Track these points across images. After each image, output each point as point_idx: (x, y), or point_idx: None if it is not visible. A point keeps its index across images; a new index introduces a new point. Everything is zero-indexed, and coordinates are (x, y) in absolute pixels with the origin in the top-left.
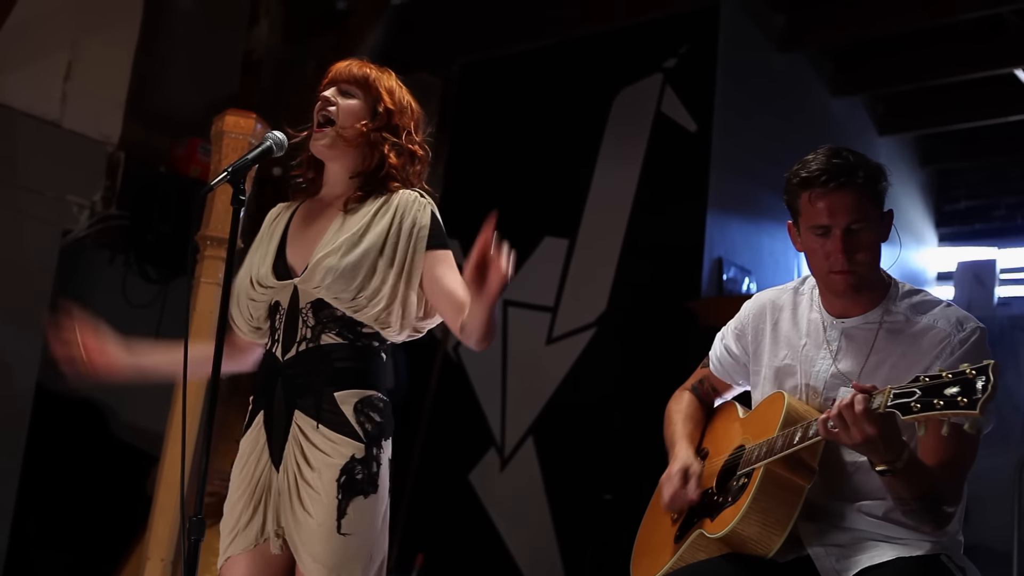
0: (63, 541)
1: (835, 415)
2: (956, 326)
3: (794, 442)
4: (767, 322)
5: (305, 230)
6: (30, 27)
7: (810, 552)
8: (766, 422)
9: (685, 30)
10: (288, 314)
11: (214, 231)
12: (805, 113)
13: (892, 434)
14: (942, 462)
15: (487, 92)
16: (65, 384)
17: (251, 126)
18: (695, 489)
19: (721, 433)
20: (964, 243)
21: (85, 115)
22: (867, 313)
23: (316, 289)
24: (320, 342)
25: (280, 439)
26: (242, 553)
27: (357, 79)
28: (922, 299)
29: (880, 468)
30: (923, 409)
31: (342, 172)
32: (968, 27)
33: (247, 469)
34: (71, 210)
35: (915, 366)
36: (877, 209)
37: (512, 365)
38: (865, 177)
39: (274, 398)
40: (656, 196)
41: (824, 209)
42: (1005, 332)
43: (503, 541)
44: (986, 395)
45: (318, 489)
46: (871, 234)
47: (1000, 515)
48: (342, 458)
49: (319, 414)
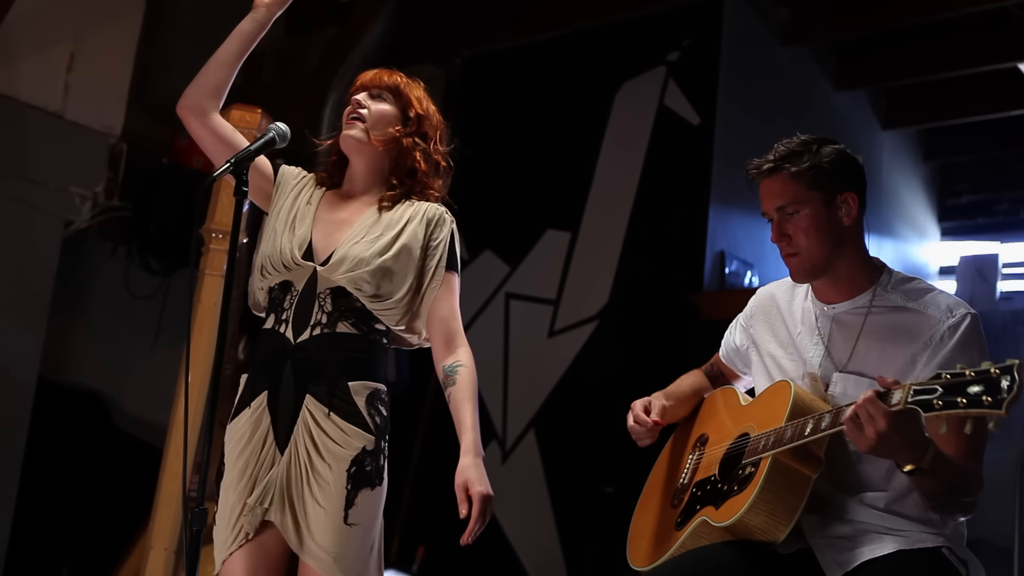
0: (65, 532)
1: (849, 417)
2: (946, 312)
3: (805, 433)
4: (769, 313)
5: (330, 217)
6: (33, 18)
7: (812, 544)
8: (772, 411)
9: (688, 23)
10: (302, 296)
11: (218, 224)
12: (808, 107)
13: (914, 431)
14: (960, 452)
15: (490, 85)
16: (66, 375)
17: (256, 120)
18: (657, 415)
19: (722, 419)
20: (967, 237)
21: (88, 106)
22: (855, 298)
23: (340, 277)
24: (336, 329)
25: (287, 422)
26: (243, 547)
27: (388, 86)
28: (914, 286)
29: (908, 469)
30: (945, 407)
31: (368, 172)
32: (972, 21)
33: (247, 454)
34: (74, 201)
35: (904, 351)
36: (815, 192)
37: (514, 358)
38: (796, 161)
39: (282, 380)
40: (658, 189)
41: (761, 198)
42: (1008, 326)
43: (504, 534)
44: (1012, 395)
45: (328, 478)
46: (809, 217)
47: (1001, 510)
48: (353, 449)
49: (332, 401)
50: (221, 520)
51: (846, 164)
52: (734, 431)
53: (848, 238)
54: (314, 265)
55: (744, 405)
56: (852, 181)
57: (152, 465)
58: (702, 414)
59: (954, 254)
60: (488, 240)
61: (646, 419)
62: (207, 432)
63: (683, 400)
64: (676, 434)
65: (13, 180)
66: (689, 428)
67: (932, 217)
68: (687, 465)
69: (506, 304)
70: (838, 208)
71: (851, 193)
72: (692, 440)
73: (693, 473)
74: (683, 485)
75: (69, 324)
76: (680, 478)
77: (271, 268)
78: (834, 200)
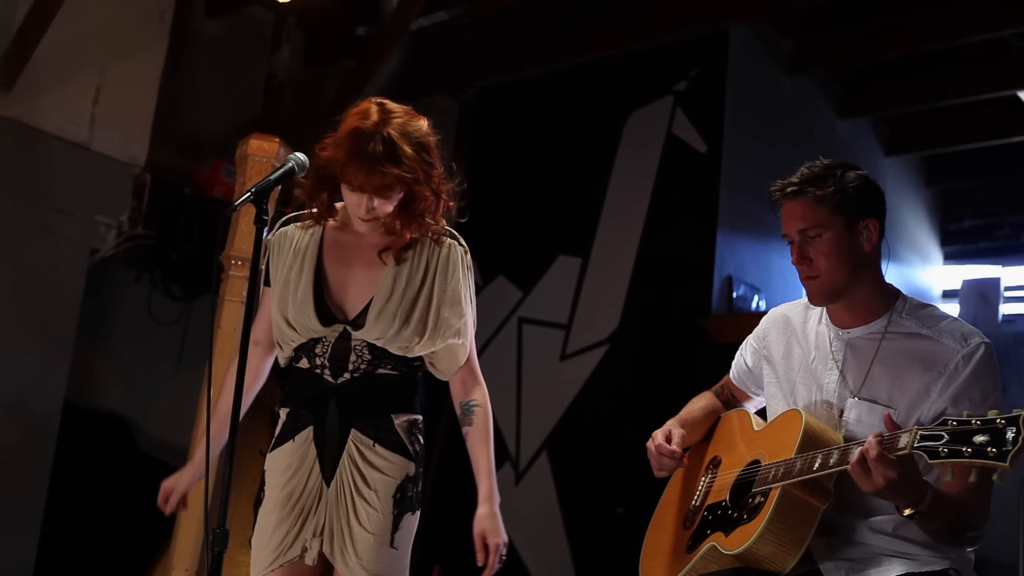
0: (90, 552)
1: (855, 462)
2: (961, 341)
3: (813, 468)
4: (781, 336)
5: (345, 270)
6: (59, 53)
7: (820, 567)
8: (782, 440)
9: (695, 54)
10: (336, 346)
11: (238, 251)
12: (812, 134)
13: (913, 475)
14: (967, 489)
15: (502, 115)
16: (91, 399)
17: (274, 149)
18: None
19: (735, 443)
20: (969, 261)
21: (113, 138)
22: (871, 324)
23: (378, 339)
24: (376, 372)
25: (333, 454)
26: (283, 567)
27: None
28: (929, 313)
29: (907, 512)
30: (950, 456)
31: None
32: (972, 51)
33: (294, 483)
34: (99, 230)
35: (918, 379)
36: (838, 217)
37: (526, 381)
38: (821, 185)
39: (327, 415)
40: (667, 215)
41: (782, 219)
42: (1010, 348)
43: (518, 553)
44: (1017, 447)
45: (375, 505)
46: (831, 241)
47: (1006, 527)
48: (398, 476)
49: (376, 434)
50: (258, 540)
51: (869, 190)
52: (746, 456)
53: (867, 264)
54: (344, 327)
55: (757, 431)
56: (874, 207)
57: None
58: (717, 435)
59: (957, 278)
60: (501, 266)
61: (672, 449)
62: (228, 454)
63: (696, 425)
64: (691, 452)
65: (40, 209)
66: (704, 448)
67: (935, 241)
68: (700, 486)
69: (519, 328)
70: (859, 234)
71: (872, 219)
72: (706, 461)
73: (705, 496)
74: (695, 507)
75: (94, 349)
76: (693, 499)
77: (295, 335)
78: (856, 225)
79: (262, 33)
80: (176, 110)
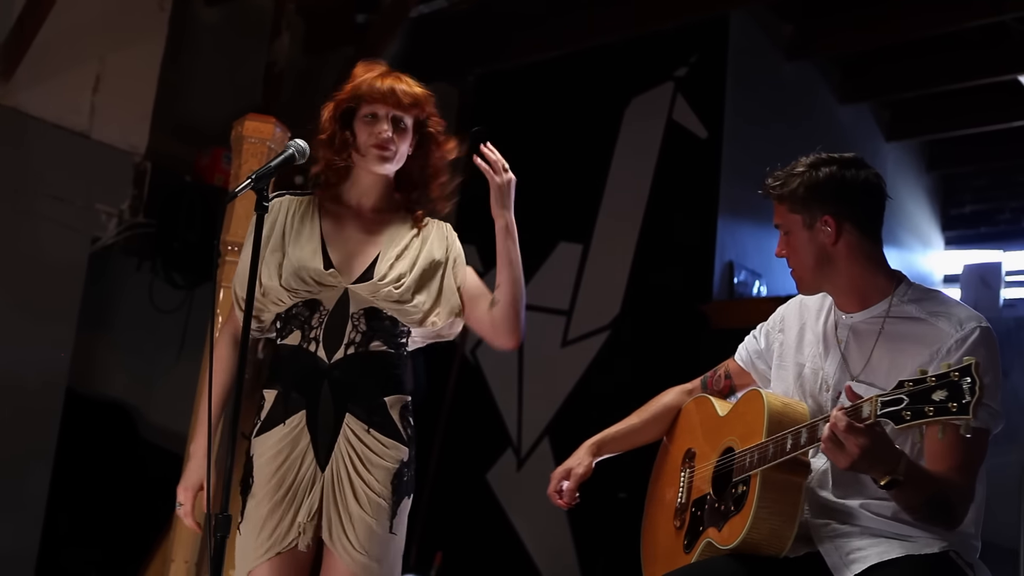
0: (93, 538)
1: (827, 437)
2: (956, 325)
3: (786, 450)
4: (796, 320)
5: (345, 235)
6: (59, 42)
7: (820, 548)
8: (749, 424)
9: (695, 40)
10: (333, 316)
11: (235, 236)
12: (813, 120)
13: (884, 440)
14: (949, 466)
15: (502, 101)
16: (93, 387)
17: (270, 131)
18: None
19: (704, 432)
20: (970, 246)
21: (113, 126)
22: (871, 308)
23: (377, 295)
24: (369, 348)
25: (327, 439)
26: (279, 555)
27: (411, 112)
28: (931, 297)
29: (884, 482)
30: (914, 417)
31: (375, 186)
32: (973, 35)
33: (285, 470)
34: (100, 218)
35: (912, 362)
36: (796, 215)
37: (528, 367)
38: (787, 183)
39: (319, 399)
40: (668, 201)
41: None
42: (1011, 333)
43: (520, 539)
44: (975, 397)
45: (375, 489)
46: (794, 238)
47: (1007, 513)
48: (394, 461)
49: (370, 418)
50: (249, 530)
51: (828, 188)
52: (718, 445)
53: (838, 257)
54: (353, 285)
55: (722, 416)
56: (837, 204)
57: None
58: (681, 427)
59: (958, 263)
60: None
61: (556, 499)
62: (229, 441)
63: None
64: (661, 449)
65: (41, 198)
66: (672, 442)
67: (936, 226)
68: (682, 482)
69: None
70: (819, 231)
71: (828, 216)
72: (681, 455)
73: (688, 491)
74: (682, 504)
75: (96, 337)
76: (678, 496)
77: (296, 284)
78: (815, 223)
79: (261, 20)
80: (176, 98)
